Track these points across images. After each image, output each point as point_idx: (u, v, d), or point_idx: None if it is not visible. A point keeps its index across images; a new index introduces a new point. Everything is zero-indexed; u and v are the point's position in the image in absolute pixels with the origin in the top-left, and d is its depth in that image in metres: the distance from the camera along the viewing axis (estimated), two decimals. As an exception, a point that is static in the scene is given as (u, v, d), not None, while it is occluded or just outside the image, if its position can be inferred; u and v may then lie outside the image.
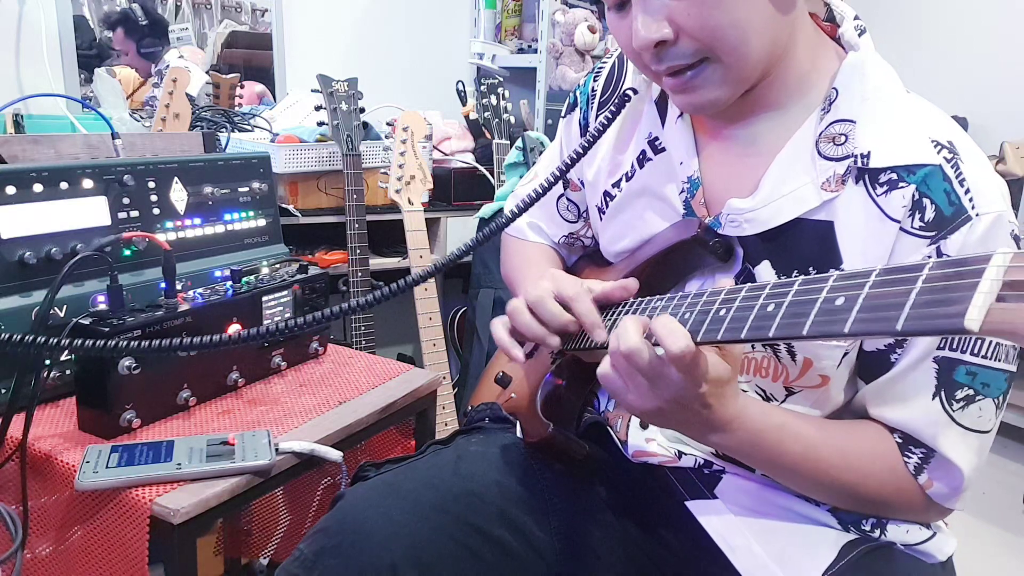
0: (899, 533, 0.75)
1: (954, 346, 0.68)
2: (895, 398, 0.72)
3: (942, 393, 0.69)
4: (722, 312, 0.58)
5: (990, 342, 0.68)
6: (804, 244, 0.72)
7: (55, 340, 0.71)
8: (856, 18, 0.75)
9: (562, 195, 0.98)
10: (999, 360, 0.68)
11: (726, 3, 0.64)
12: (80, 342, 0.72)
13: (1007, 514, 2.15)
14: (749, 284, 0.59)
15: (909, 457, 0.72)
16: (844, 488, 0.73)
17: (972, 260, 0.41)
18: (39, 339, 0.70)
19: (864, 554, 0.73)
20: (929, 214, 0.67)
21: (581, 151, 0.80)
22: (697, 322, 0.60)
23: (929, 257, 0.66)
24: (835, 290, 0.49)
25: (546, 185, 0.78)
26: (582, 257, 1.04)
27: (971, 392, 0.68)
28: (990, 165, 0.70)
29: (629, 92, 0.82)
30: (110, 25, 2.13)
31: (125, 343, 0.70)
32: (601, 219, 0.91)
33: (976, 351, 0.68)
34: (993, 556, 1.98)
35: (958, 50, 2.84)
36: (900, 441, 0.72)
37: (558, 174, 0.78)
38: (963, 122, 2.68)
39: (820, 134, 0.71)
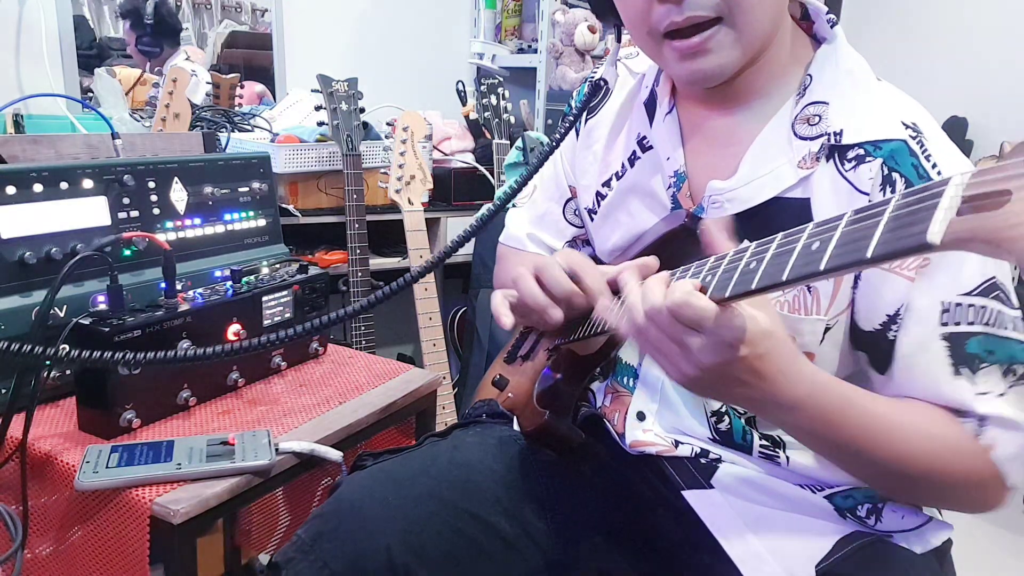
0: (895, 519, 0.75)
1: (958, 319, 0.68)
2: (921, 388, 0.71)
3: (963, 369, 0.69)
4: (708, 278, 0.60)
5: (993, 311, 0.68)
6: (783, 222, 0.72)
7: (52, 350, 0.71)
8: (828, 13, 0.78)
9: (569, 200, 0.99)
10: (1005, 328, 0.69)
11: None
12: (77, 353, 0.71)
13: (1007, 514, 2.15)
14: (734, 248, 0.60)
15: (966, 421, 0.70)
16: (918, 465, 0.68)
17: (933, 185, 0.44)
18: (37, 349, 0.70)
19: (859, 548, 0.73)
20: (900, 187, 0.69)
21: (559, 138, 0.82)
22: None
23: None
24: (811, 236, 0.52)
25: (538, 162, 0.80)
26: None
27: (981, 360, 0.69)
28: (954, 145, 0.73)
29: (600, 82, 0.84)
30: (121, 14, 2.16)
31: (121, 356, 0.70)
32: (592, 220, 0.93)
33: (987, 320, 0.68)
34: (993, 556, 1.98)
35: (958, 50, 2.84)
36: (951, 409, 0.70)
37: (548, 151, 0.80)
38: (963, 122, 2.68)
39: (796, 116, 0.75)
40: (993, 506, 0.73)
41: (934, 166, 0.69)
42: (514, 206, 1.06)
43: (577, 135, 0.95)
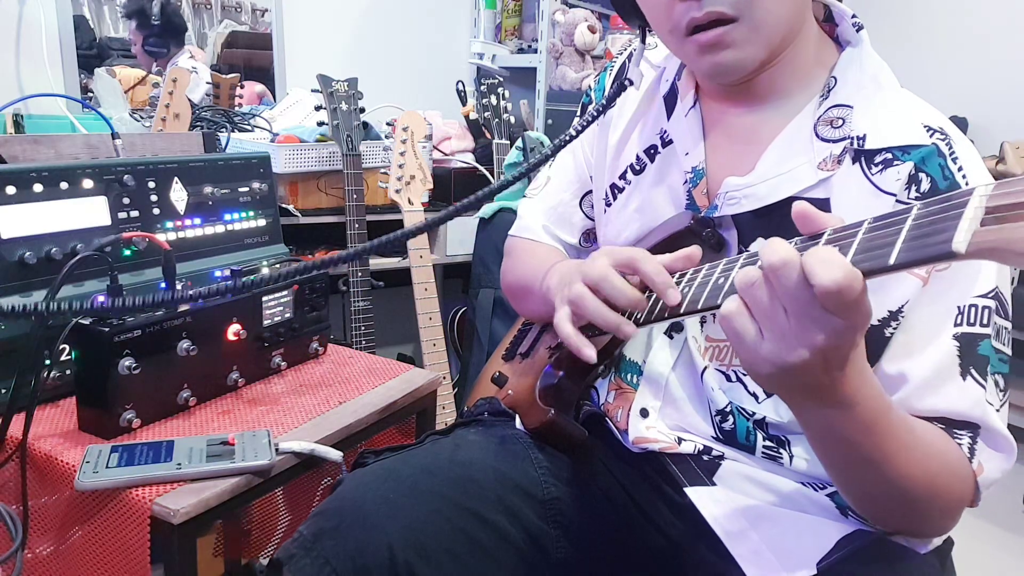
0: None
1: (972, 320, 0.69)
2: (926, 389, 0.70)
3: (972, 370, 0.69)
4: (721, 281, 0.59)
5: (994, 319, 0.69)
6: None
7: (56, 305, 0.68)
8: (853, 16, 0.78)
9: (588, 193, 0.99)
10: (1004, 343, 0.70)
11: None
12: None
13: (1007, 514, 2.15)
14: (747, 252, 0.61)
15: (960, 440, 0.69)
16: (921, 486, 0.66)
17: (956, 195, 0.45)
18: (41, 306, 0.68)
19: (861, 546, 0.73)
20: (924, 186, 0.70)
21: (579, 130, 0.82)
22: (697, 293, 0.64)
23: None
24: (830, 242, 0.52)
25: (545, 156, 0.80)
26: None
27: (990, 367, 0.70)
28: (977, 153, 0.74)
29: (626, 82, 0.84)
30: (127, 14, 2.16)
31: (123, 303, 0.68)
32: (605, 211, 0.93)
33: (984, 323, 0.69)
34: (993, 556, 1.98)
35: (958, 50, 2.84)
36: (943, 428, 0.70)
37: (556, 148, 0.80)
38: (963, 122, 2.67)
39: (819, 118, 0.75)
40: (946, 531, 0.74)
41: (959, 169, 0.70)
42: (525, 196, 1.06)
43: (597, 125, 0.95)
